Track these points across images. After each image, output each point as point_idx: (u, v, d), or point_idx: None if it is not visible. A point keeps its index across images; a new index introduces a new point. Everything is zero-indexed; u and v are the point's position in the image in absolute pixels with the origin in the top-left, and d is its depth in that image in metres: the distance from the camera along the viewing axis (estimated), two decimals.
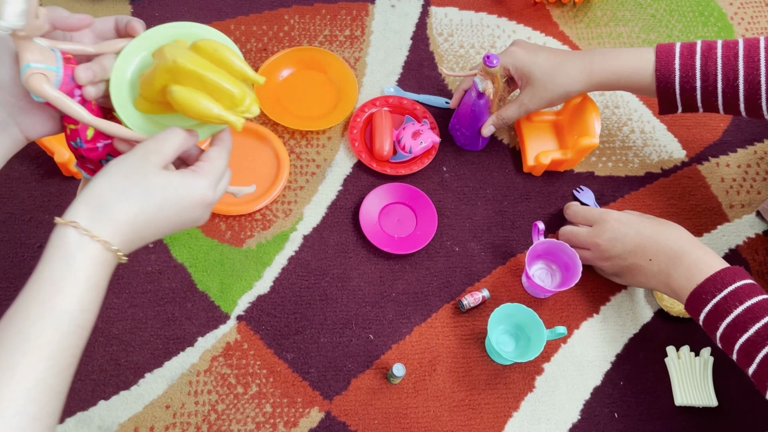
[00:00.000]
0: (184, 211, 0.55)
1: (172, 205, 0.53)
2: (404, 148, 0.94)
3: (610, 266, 0.85)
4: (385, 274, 0.89)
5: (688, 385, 0.85)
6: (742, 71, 0.79)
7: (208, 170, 0.56)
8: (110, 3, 1.04)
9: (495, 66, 0.84)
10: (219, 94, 0.57)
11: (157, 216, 0.53)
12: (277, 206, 0.92)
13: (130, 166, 0.52)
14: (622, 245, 0.82)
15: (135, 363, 0.81)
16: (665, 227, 0.82)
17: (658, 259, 0.80)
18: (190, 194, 0.54)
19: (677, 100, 0.83)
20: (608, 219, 0.84)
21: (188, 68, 0.55)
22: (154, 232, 0.54)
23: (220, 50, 0.57)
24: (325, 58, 1.03)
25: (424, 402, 0.82)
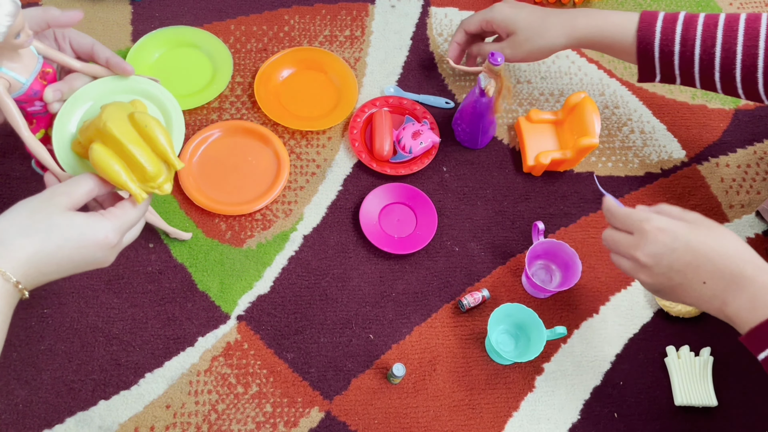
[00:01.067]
0: (84, 251, 0.57)
1: (72, 245, 0.56)
2: (404, 148, 0.95)
3: (652, 284, 0.70)
4: (385, 274, 0.89)
5: (688, 385, 0.85)
6: (720, 39, 0.80)
7: (116, 216, 0.60)
8: (110, 3, 1.04)
9: (499, 64, 0.84)
10: (134, 167, 0.61)
11: (57, 254, 0.56)
12: (277, 206, 0.92)
13: (36, 205, 0.56)
14: (668, 263, 0.67)
15: (135, 363, 0.81)
16: (721, 240, 0.67)
17: (713, 282, 0.66)
18: (92, 235, 0.57)
19: (656, 65, 0.84)
20: (649, 228, 0.68)
21: (114, 135, 0.59)
22: (56, 269, 0.57)
23: (151, 127, 0.61)
24: (325, 58, 1.03)
25: (424, 402, 0.83)
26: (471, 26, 0.94)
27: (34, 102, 0.65)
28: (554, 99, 1.05)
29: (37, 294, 0.83)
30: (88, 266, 0.60)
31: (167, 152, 0.62)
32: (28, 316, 0.82)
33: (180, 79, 0.99)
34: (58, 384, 0.79)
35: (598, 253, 0.93)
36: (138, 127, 0.61)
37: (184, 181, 0.90)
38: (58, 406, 0.78)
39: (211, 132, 0.95)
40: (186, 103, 0.96)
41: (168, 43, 1.01)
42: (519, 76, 1.07)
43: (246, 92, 1.00)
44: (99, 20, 1.02)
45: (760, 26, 0.79)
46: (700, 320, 0.90)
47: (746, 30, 0.79)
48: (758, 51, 0.78)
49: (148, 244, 0.87)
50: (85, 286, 0.84)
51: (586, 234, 0.95)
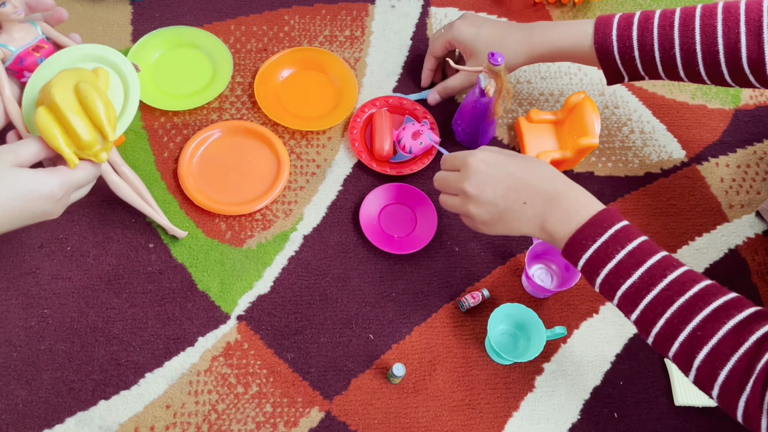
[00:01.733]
0: (32, 203, 0.63)
1: (20, 198, 0.62)
2: (404, 148, 0.95)
3: (479, 214, 0.75)
4: (385, 274, 0.89)
5: (689, 385, 0.85)
6: (677, 40, 0.79)
7: (63, 173, 0.65)
8: (110, 3, 1.04)
9: (500, 64, 0.84)
10: (71, 134, 0.66)
11: (5, 206, 0.61)
12: (278, 206, 0.92)
13: None
14: (492, 189, 0.73)
15: (135, 363, 0.81)
16: (536, 166, 0.74)
17: (532, 202, 0.72)
18: (38, 189, 0.63)
19: (621, 70, 0.85)
20: (472, 161, 0.74)
21: (55, 101, 0.64)
22: (7, 221, 0.62)
23: (91, 98, 0.66)
24: (325, 58, 1.03)
25: (424, 402, 0.83)
26: (437, 50, 0.97)
27: (23, 73, 0.73)
28: (554, 99, 1.05)
29: (37, 294, 0.83)
30: (37, 218, 0.65)
31: (103, 124, 0.67)
32: (28, 316, 0.82)
33: (180, 79, 0.99)
34: (58, 384, 0.79)
35: None
36: (80, 96, 0.66)
37: (184, 181, 0.91)
38: (58, 406, 0.78)
39: (211, 132, 0.95)
40: (186, 103, 0.96)
41: (168, 43, 1.01)
42: (519, 77, 1.07)
43: (246, 92, 1.00)
44: (99, 20, 1.03)
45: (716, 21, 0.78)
46: None
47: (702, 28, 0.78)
48: (718, 48, 0.78)
49: (148, 244, 0.87)
50: (85, 286, 0.84)
51: None
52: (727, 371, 0.61)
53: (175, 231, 0.86)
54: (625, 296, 0.67)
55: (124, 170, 0.83)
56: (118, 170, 0.83)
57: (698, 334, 0.63)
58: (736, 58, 0.77)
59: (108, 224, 0.88)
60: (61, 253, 0.86)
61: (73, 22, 1.02)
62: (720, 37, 0.77)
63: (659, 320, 0.65)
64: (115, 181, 0.82)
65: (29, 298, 0.83)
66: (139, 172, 0.91)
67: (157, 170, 0.92)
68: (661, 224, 0.97)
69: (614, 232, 0.68)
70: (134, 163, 0.92)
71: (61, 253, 0.86)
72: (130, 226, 0.88)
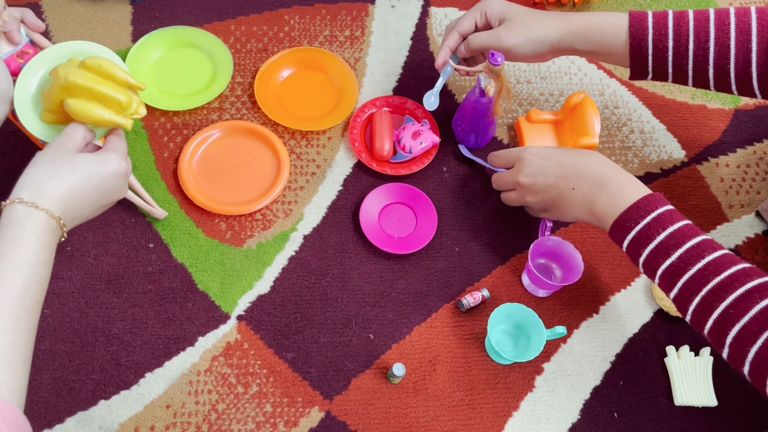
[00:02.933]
0: (106, 180, 0.67)
1: (96, 178, 0.66)
2: (404, 148, 0.95)
3: (536, 202, 0.84)
4: (385, 274, 0.89)
5: (689, 385, 0.85)
6: (713, 33, 0.80)
7: (114, 148, 0.69)
8: (110, 3, 1.04)
9: (500, 64, 0.84)
10: (108, 102, 0.68)
11: (84, 187, 0.65)
12: (278, 206, 0.92)
13: (53, 154, 0.65)
14: (543, 179, 0.82)
15: (135, 363, 0.81)
16: (585, 155, 0.81)
17: (580, 187, 0.79)
18: (107, 165, 0.67)
19: (649, 62, 0.83)
20: (525, 155, 0.84)
21: (79, 84, 0.66)
22: (86, 204, 0.66)
23: (104, 65, 0.69)
24: (325, 58, 1.03)
25: (424, 402, 0.83)
26: (464, 25, 0.90)
27: None
28: (554, 99, 1.05)
29: None
30: (111, 196, 0.69)
31: (128, 80, 0.70)
32: None
33: (180, 79, 0.99)
34: (58, 384, 0.79)
35: (598, 253, 0.93)
36: (94, 69, 0.68)
37: (184, 181, 0.91)
38: (58, 406, 0.78)
39: (211, 132, 0.95)
40: (186, 103, 0.96)
41: (168, 43, 1.01)
42: (519, 77, 1.07)
43: (246, 92, 1.00)
44: (99, 20, 1.03)
45: (750, 20, 0.79)
46: None
47: (737, 24, 0.79)
48: (751, 45, 0.78)
49: (148, 244, 0.87)
50: (85, 286, 0.84)
51: (586, 234, 0.95)
52: (756, 348, 0.64)
53: (156, 213, 0.87)
54: (664, 275, 0.72)
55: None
56: None
57: (730, 312, 0.66)
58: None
59: (108, 224, 0.88)
60: (61, 253, 0.86)
61: (73, 22, 1.02)
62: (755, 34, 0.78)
63: (695, 298, 0.69)
64: None
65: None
66: (139, 172, 0.92)
67: (157, 170, 0.92)
68: None
69: (657, 215, 0.73)
70: (134, 163, 0.92)
71: (61, 253, 0.86)
72: (130, 226, 0.88)
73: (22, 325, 0.58)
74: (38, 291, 0.60)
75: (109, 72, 0.69)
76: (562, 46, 0.87)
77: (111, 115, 0.69)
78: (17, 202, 0.61)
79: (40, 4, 1.03)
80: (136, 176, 0.91)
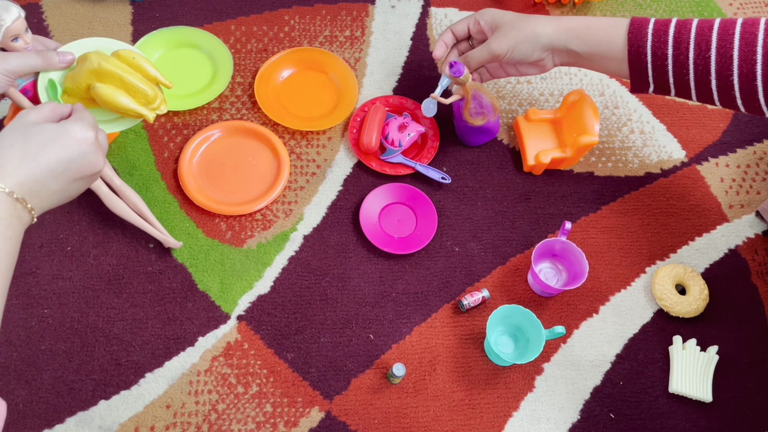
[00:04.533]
0: (68, 148, 0.61)
1: (55, 146, 0.60)
2: (393, 142, 0.95)
3: None
4: (385, 274, 0.89)
5: (687, 375, 0.85)
6: (714, 42, 0.75)
7: (79, 117, 0.64)
8: (110, 3, 1.04)
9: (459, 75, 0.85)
10: (135, 93, 0.71)
11: (42, 157, 0.59)
12: (278, 206, 0.92)
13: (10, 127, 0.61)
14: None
15: (135, 363, 0.81)
16: None
17: None
18: (67, 132, 0.61)
19: (648, 70, 0.80)
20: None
21: (111, 70, 0.69)
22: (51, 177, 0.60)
23: (137, 59, 0.73)
24: (325, 58, 1.03)
25: (424, 402, 0.83)
26: (458, 28, 0.90)
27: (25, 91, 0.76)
28: (554, 99, 1.05)
29: (37, 294, 0.83)
30: (80, 168, 0.63)
31: (157, 76, 0.74)
32: (28, 316, 0.82)
33: (180, 79, 0.99)
34: (58, 384, 0.79)
35: (598, 253, 0.93)
36: (126, 60, 0.72)
37: (184, 181, 0.91)
38: (58, 406, 0.78)
39: (211, 132, 0.95)
40: (186, 103, 0.96)
41: (168, 44, 1.01)
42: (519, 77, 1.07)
43: (246, 92, 1.00)
44: (99, 20, 1.03)
45: (757, 30, 0.74)
46: (700, 320, 0.90)
47: (742, 33, 0.74)
48: (756, 57, 0.73)
49: (148, 244, 0.87)
50: (85, 286, 0.84)
51: (586, 234, 0.95)
52: None
53: (171, 244, 0.85)
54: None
55: (117, 183, 0.84)
56: (110, 184, 0.83)
57: None
58: None
59: (108, 224, 0.88)
60: (61, 253, 0.86)
61: (74, 22, 1.02)
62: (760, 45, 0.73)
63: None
64: (106, 192, 0.82)
65: (29, 298, 0.83)
66: (139, 172, 0.92)
67: (157, 170, 0.93)
68: (661, 224, 0.97)
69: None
70: (134, 163, 0.92)
71: (61, 253, 0.86)
72: (130, 226, 0.88)
73: None
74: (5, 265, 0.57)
75: (140, 66, 0.72)
76: (557, 46, 0.84)
77: (136, 105, 0.71)
78: None
79: (40, 4, 1.03)
80: (137, 176, 0.91)
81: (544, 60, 0.87)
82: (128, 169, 0.92)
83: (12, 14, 0.70)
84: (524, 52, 0.85)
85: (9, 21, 0.69)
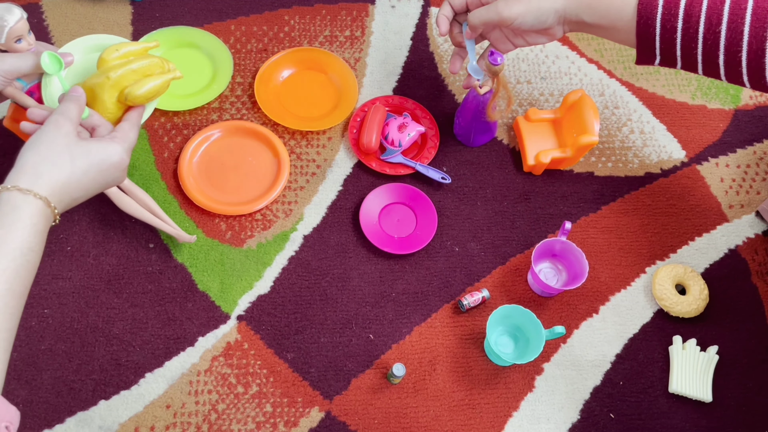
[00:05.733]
0: (106, 173, 0.66)
1: (95, 170, 0.65)
2: (393, 142, 0.95)
3: None
4: (385, 274, 0.89)
5: (687, 375, 0.85)
6: (725, 17, 0.75)
7: (122, 138, 0.68)
8: (110, 3, 1.04)
9: (498, 64, 0.84)
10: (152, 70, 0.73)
11: (83, 179, 0.64)
12: (278, 206, 0.92)
13: (52, 139, 0.63)
14: None
15: (135, 363, 0.81)
16: None
17: None
18: (109, 158, 0.66)
19: (656, 43, 0.78)
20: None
21: (123, 74, 0.71)
22: (83, 194, 0.65)
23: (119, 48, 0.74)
24: (325, 58, 1.03)
25: (424, 402, 0.83)
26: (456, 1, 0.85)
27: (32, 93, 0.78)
28: (554, 99, 1.05)
29: (37, 294, 0.83)
30: (108, 185, 0.68)
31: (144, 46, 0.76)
32: (28, 316, 0.82)
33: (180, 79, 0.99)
34: (58, 384, 0.79)
35: (598, 253, 0.93)
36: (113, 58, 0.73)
37: (184, 181, 0.91)
38: (58, 406, 0.78)
39: (211, 132, 0.95)
40: (186, 103, 0.96)
41: (168, 43, 1.01)
42: (519, 77, 1.07)
43: (246, 92, 1.00)
44: (99, 20, 1.03)
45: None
46: (700, 320, 0.90)
47: (754, 9, 0.74)
48: (767, 33, 0.72)
49: (148, 244, 0.87)
50: (85, 286, 0.84)
51: (586, 234, 0.95)
52: None
53: (185, 238, 0.85)
54: None
55: (125, 183, 0.84)
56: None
57: None
58: None
59: (108, 224, 0.88)
60: (61, 253, 0.86)
61: (74, 23, 1.02)
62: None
63: None
64: (115, 192, 0.83)
65: (29, 298, 0.83)
66: (139, 172, 0.92)
67: (157, 170, 0.93)
68: (661, 224, 0.97)
69: None
70: (134, 163, 0.92)
71: (61, 253, 0.86)
72: (130, 226, 0.88)
73: (8, 311, 0.57)
74: (27, 278, 0.60)
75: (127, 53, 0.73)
76: (569, 17, 0.80)
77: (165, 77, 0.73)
78: (14, 188, 0.60)
79: (40, 5, 1.03)
80: (137, 176, 0.91)
81: (554, 28, 0.83)
82: (128, 169, 0.92)
83: (15, 15, 0.70)
84: (533, 18, 0.80)
85: (12, 22, 0.70)
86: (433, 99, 1.02)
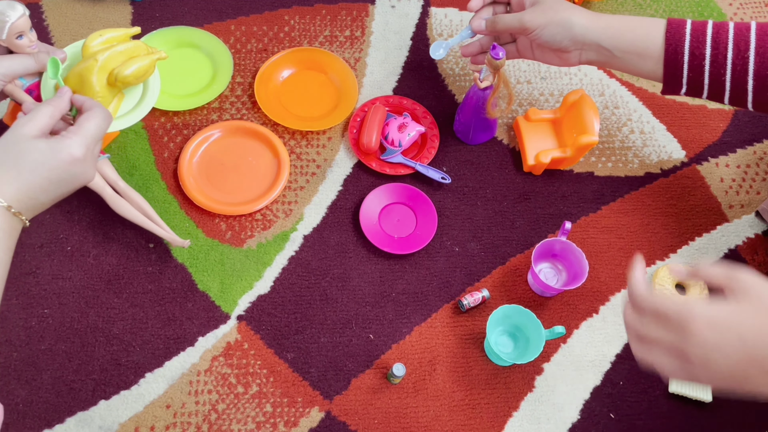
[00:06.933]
0: (58, 170, 0.62)
1: (45, 168, 0.61)
2: (393, 142, 0.95)
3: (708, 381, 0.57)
4: (385, 274, 0.89)
5: None
6: (753, 42, 0.75)
7: (74, 132, 0.64)
8: (110, 3, 1.04)
9: (499, 58, 0.83)
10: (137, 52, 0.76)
11: (34, 179, 0.61)
12: (278, 206, 0.92)
13: (6, 140, 0.62)
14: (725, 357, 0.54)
15: (135, 363, 0.81)
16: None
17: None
18: (57, 155, 0.62)
19: (684, 69, 0.78)
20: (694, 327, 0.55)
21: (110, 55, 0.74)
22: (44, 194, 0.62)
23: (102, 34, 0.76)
24: (325, 58, 1.03)
25: (424, 402, 0.83)
26: None
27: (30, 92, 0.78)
28: (554, 99, 1.05)
29: (37, 294, 0.83)
30: (73, 182, 0.64)
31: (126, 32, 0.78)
32: (28, 316, 0.82)
33: (180, 79, 0.99)
34: (58, 384, 0.79)
35: (598, 253, 0.93)
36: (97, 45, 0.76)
37: (184, 181, 0.91)
38: (58, 406, 0.78)
39: (211, 132, 0.95)
40: (186, 103, 0.96)
41: (168, 43, 1.01)
42: (519, 77, 1.07)
43: (246, 92, 1.00)
44: (99, 20, 1.03)
45: None
46: None
47: None
48: None
49: (148, 244, 0.88)
50: (85, 286, 0.84)
51: (586, 234, 0.95)
52: None
53: (178, 243, 0.85)
54: None
55: (121, 186, 0.84)
56: (115, 186, 0.84)
57: None
58: None
59: (108, 224, 0.88)
60: (61, 253, 0.86)
61: (74, 22, 1.02)
62: None
63: None
64: (111, 194, 0.83)
65: (29, 298, 0.83)
66: (139, 172, 0.92)
67: (157, 170, 0.93)
68: (661, 224, 0.97)
69: None
70: (134, 163, 0.92)
71: (61, 253, 0.86)
72: (130, 226, 0.88)
73: None
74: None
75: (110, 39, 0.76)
76: (588, 40, 0.81)
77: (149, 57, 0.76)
78: None
79: (40, 4, 1.03)
80: (137, 176, 0.91)
81: (571, 54, 0.84)
82: (128, 169, 0.92)
83: (17, 11, 0.71)
84: (553, 35, 0.81)
85: (14, 17, 0.71)
86: (433, 99, 1.02)
